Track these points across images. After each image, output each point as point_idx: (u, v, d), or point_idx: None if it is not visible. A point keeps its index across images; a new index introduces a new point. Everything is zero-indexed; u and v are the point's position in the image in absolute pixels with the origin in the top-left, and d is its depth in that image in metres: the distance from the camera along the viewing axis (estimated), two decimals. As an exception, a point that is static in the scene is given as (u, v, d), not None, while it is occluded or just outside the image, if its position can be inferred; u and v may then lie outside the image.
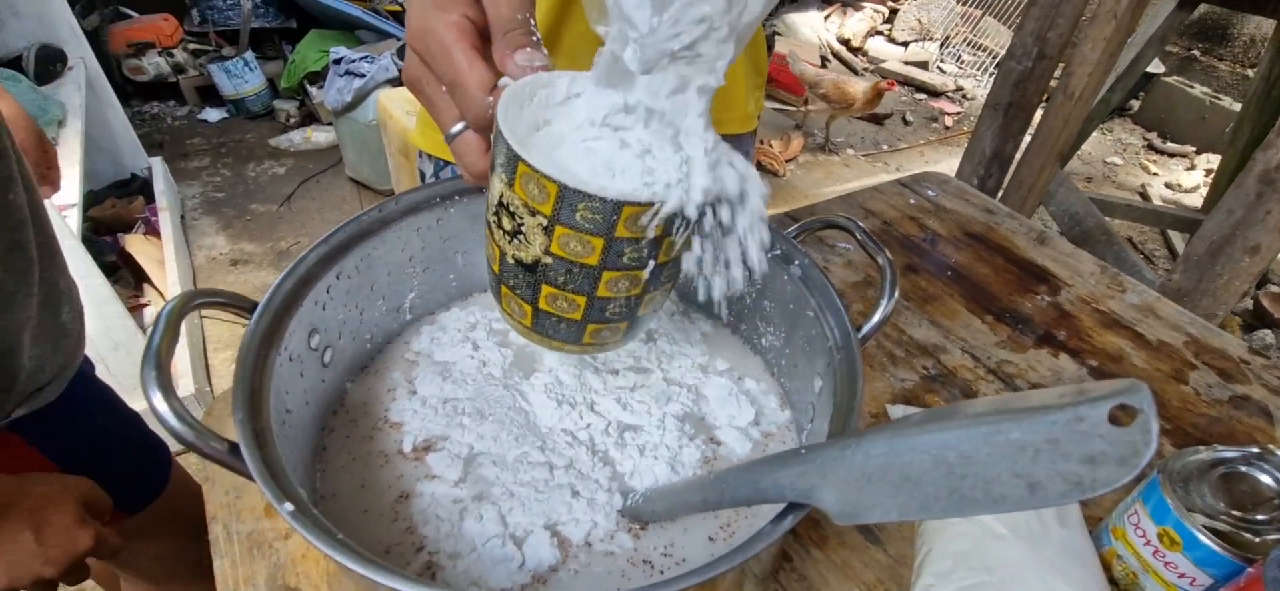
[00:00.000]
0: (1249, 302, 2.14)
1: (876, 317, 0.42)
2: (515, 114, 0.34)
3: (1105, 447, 0.19)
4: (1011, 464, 0.21)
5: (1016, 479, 0.21)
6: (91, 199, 1.99)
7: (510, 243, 0.35)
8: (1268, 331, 2.02)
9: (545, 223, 0.33)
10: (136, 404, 1.35)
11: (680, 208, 0.32)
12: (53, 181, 0.87)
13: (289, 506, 0.30)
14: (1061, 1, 1.50)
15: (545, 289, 0.36)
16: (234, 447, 0.33)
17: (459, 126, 0.37)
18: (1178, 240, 2.59)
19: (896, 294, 0.43)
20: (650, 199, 0.32)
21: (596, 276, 0.35)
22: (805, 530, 0.51)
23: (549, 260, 0.34)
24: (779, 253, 0.49)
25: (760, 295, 0.52)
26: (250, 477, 0.32)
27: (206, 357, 1.78)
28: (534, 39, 0.35)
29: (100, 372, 0.77)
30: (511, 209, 0.34)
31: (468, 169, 0.38)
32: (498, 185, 0.34)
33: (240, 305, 0.41)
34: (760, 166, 2.86)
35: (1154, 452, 0.18)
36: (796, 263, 0.47)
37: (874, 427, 0.27)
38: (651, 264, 0.35)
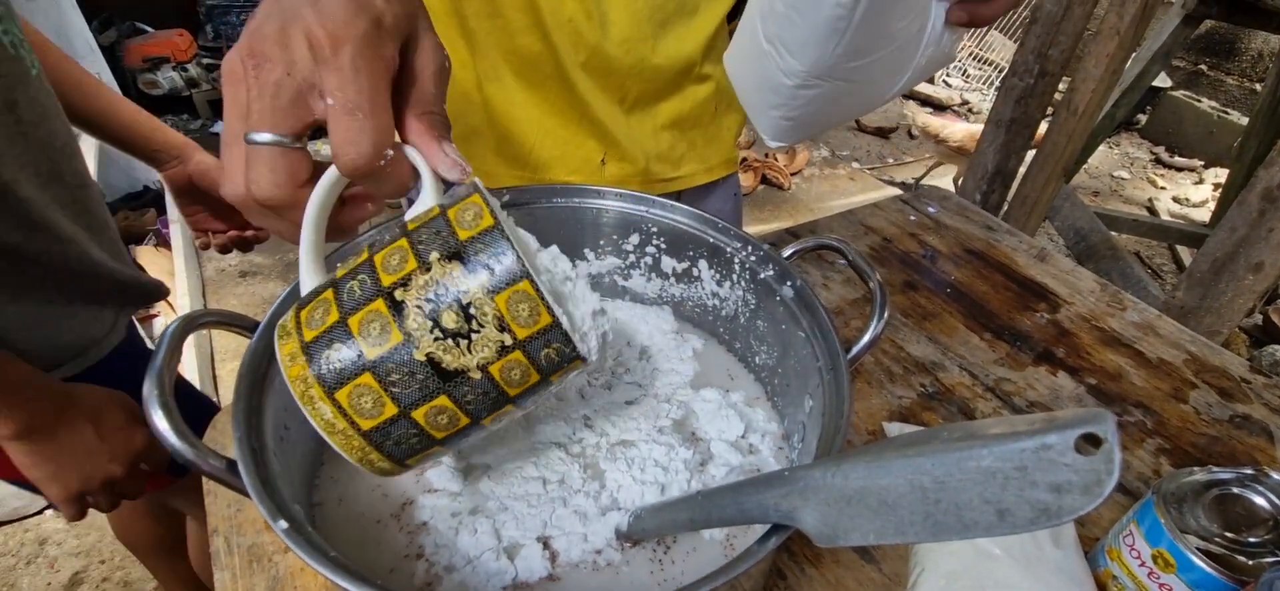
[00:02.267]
0: (1258, 318, 2.12)
1: (865, 340, 0.43)
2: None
3: (1071, 476, 0.20)
4: (982, 490, 0.21)
5: (986, 505, 0.21)
6: (104, 211, 2.02)
7: (433, 337, 0.30)
8: (1277, 348, 2.00)
9: (509, 343, 0.30)
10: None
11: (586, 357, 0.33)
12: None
13: (283, 523, 0.31)
14: (1063, 18, 1.51)
15: (441, 398, 0.31)
16: (232, 464, 0.34)
17: (272, 137, 0.29)
18: (1186, 255, 2.58)
19: (886, 316, 0.43)
20: (583, 354, 0.32)
21: (499, 404, 0.33)
22: (799, 548, 0.51)
23: (477, 375, 0.31)
24: (773, 272, 0.49)
25: (754, 315, 0.53)
26: (248, 494, 0.33)
27: (214, 368, 1.80)
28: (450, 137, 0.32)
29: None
30: (472, 312, 0.30)
31: (268, 188, 0.30)
32: (459, 278, 0.30)
33: (240, 324, 0.41)
34: (765, 180, 2.87)
35: (1117, 482, 0.19)
36: (789, 284, 0.48)
37: (854, 451, 0.27)
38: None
